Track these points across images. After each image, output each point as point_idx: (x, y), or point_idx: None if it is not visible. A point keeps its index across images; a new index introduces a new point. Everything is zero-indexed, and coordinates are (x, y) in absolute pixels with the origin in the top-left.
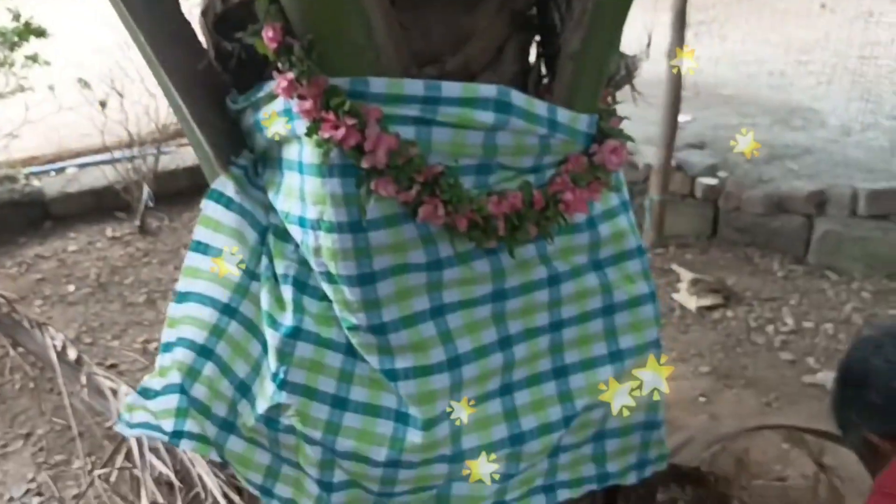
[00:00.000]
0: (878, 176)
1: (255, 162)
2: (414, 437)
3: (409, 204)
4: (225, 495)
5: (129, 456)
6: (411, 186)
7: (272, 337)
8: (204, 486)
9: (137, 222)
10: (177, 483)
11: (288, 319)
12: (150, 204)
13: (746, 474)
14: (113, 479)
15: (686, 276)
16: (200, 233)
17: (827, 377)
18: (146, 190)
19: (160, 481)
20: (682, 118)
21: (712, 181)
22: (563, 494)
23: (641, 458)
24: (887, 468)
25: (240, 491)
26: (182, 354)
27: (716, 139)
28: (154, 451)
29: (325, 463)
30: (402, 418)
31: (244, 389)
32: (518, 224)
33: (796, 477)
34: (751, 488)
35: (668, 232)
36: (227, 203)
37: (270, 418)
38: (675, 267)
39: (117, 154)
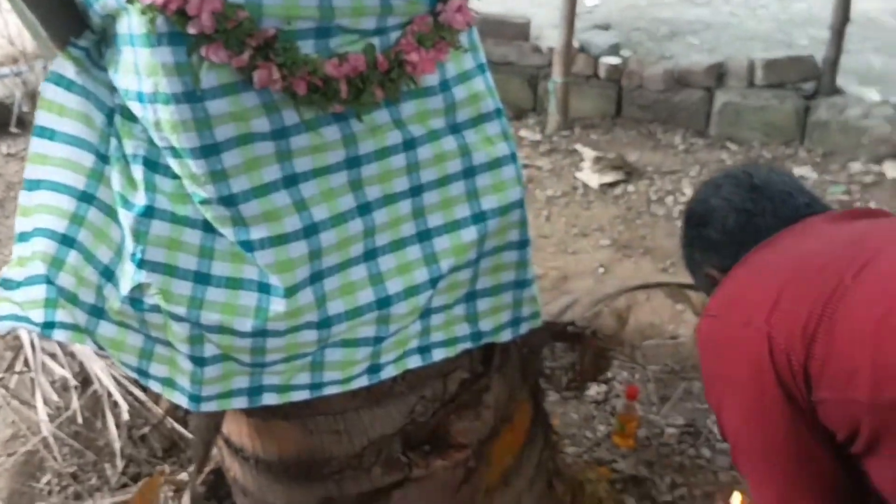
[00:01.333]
0: (774, 46)
1: (98, 43)
2: (277, 305)
3: (244, 70)
4: (129, 392)
5: (26, 362)
6: (243, 51)
7: (126, 217)
8: (101, 384)
9: None
10: (73, 382)
11: (141, 199)
12: None
13: (629, 331)
14: (13, 385)
15: (589, 154)
16: (44, 118)
17: None
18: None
19: (67, 386)
20: (589, 2)
21: (615, 60)
22: (439, 354)
23: (515, 315)
24: (714, 293)
25: (144, 387)
26: (43, 244)
27: (623, 20)
28: (52, 355)
29: (195, 338)
30: (264, 289)
31: (108, 274)
32: (362, 87)
33: (688, 335)
34: (643, 348)
35: (574, 114)
36: (69, 85)
37: (135, 299)
38: (578, 147)
39: (4, 70)
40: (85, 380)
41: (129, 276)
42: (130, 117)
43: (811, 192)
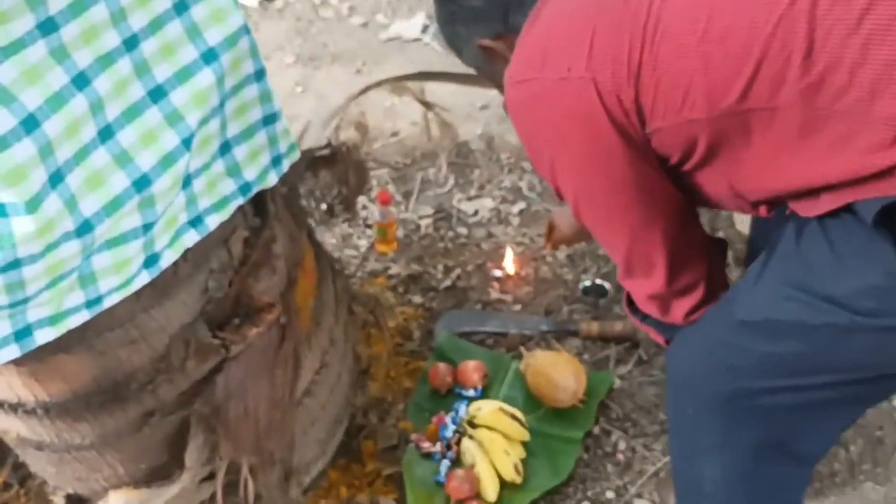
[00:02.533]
0: None
1: None
2: (22, 226)
3: None
4: None
5: None
6: None
7: None
8: None
9: None
10: None
11: None
12: None
13: (368, 138)
14: None
15: None
16: None
17: (399, 28)
18: None
19: None
20: None
21: None
22: (214, 221)
23: (274, 155)
24: (513, 58)
25: None
26: None
27: None
28: None
29: None
30: None
31: None
32: None
33: (407, 126)
34: (373, 151)
35: None
36: None
37: None
38: None
39: None
40: None
41: None
42: None
43: None
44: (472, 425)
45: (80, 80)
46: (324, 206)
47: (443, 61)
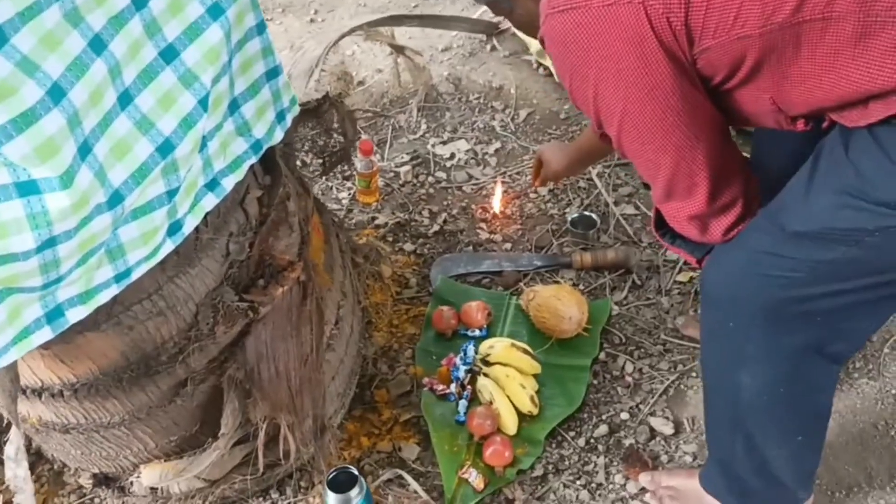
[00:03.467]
0: None
1: None
2: (57, 201)
3: None
4: None
5: None
6: None
7: None
8: None
9: None
10: None
11: None
12: None
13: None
14: None
15: None
16: None
17: None
18: None
19: None
20: None
21: None
22: (230, 182)
23: (278, 110)
24: None
25: None
26: None
27: None
28: None
29: None
30: (27, 189)
31: None
32: None
33: (373, 74)
34: (353, 95)
35: None
36: None
37: None
38: None
39: None
40: None
41: None
42: None
43: None
44: (486, 363)
45: (97, 44)
46: (324, 161)
47: (395, 3)
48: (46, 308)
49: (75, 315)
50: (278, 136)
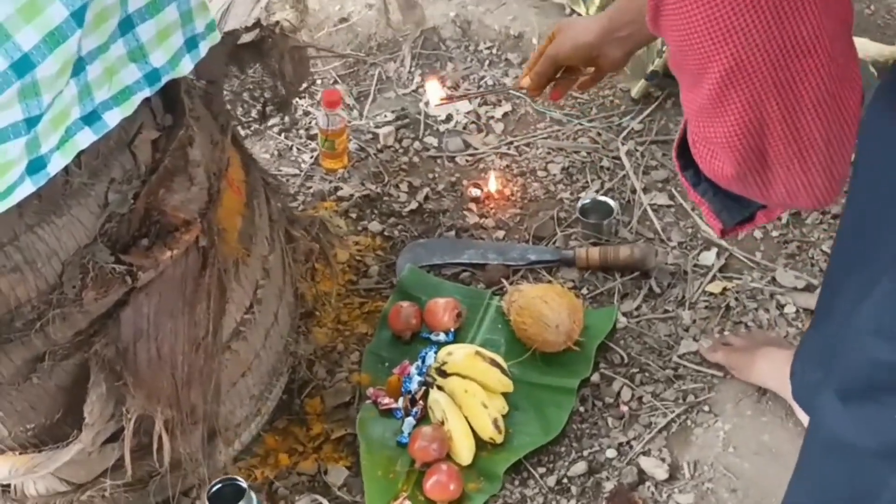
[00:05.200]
0: None
1: None
2: None
3: None
4: None
5: None
6: None
7: None
8: None
9: None
10: None
11: None
12: None
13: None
14: None
15: None
16: None
17: None
18: None
19: None
20: None
21: None
22: (114, 117)
23: (188, 36)
24: None
25: None
26: None
27: None
28: None
29: None
30: None
31: None
32: None
33: (360, 10)
34: (317, 41)
35: None
36: None
37: None
38: None
39: None
40: None
41: None
42: None
43: None
44: (442, 373)
45: None
46: (259, 108)
47: None
48: None
49: None
50: (186, 66)
